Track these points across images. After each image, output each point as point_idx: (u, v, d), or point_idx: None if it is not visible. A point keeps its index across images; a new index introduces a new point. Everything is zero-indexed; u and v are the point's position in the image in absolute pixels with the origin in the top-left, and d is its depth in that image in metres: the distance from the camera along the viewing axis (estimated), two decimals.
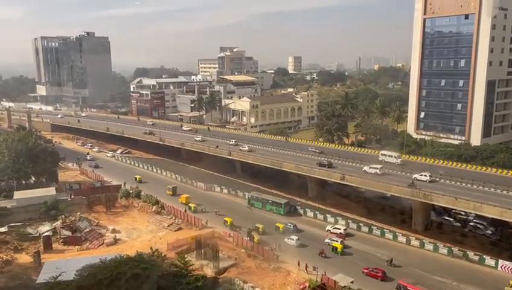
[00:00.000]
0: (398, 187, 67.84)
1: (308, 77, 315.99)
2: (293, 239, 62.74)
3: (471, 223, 67.89)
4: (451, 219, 71.08)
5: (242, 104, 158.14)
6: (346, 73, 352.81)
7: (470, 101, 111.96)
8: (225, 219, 70.63)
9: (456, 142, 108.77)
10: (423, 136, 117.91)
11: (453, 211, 69.54)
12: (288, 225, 68.91)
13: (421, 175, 71.94)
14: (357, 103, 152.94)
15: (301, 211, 75.79)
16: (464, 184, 68.22)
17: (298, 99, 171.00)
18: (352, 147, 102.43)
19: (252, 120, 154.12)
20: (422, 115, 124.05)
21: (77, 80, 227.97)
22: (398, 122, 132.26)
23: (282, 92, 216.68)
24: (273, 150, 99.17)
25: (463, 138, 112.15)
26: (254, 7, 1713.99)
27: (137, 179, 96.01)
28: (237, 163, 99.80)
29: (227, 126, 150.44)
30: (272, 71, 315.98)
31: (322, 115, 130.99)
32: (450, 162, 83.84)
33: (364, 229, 67.48)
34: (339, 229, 66.44)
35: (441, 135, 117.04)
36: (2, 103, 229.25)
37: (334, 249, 59.88)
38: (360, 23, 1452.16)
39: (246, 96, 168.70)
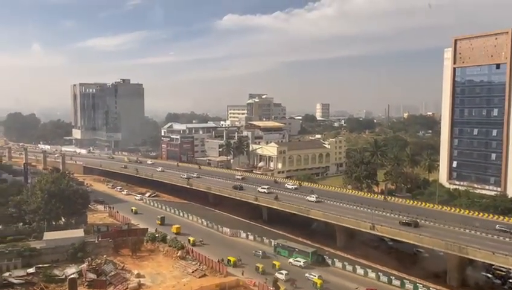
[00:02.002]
0: (431, 239, 65.08)
1: (336, 124, 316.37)
2: (282, 273, 66.29)
3: (510, 280, 63.74)
4: (489, 275, 66.99)
5: (269, 149, 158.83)
6: (375, 120, 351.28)
7: (504, 151, 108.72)
8: (228, 257, 72.30)
9: (492, 193, 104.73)
10: (456, 186, 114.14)
11: (492, 266, 65.70)
12: (258, 251, 76.91)
13: (311, 196, 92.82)
14: (387, 150, 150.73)
15: (329, 261, 73.32)
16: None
17: (326, 146, 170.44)
18: None
19: (279, 165, 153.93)
20: (454, 164, 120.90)
21: (111, 125, 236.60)
22: (430, 172, 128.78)
23: (310, 138, 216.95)
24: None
25: (499, 189, 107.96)
26: (283, 56, 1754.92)
27: (133, 211, 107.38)
28: (264, 209, 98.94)
29: (254, 171, 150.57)
30: (300, 117, 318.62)
31: (351, 162, 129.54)
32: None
33: (396, 282, 64.30)
34: (299, 261, 71.90)
35: (475, 186, 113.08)
36: (39, 145, 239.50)
37: (314, 284, 63.29)
38: (388, 72, 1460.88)
39: (273, 141, 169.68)
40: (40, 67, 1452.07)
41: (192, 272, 68.95)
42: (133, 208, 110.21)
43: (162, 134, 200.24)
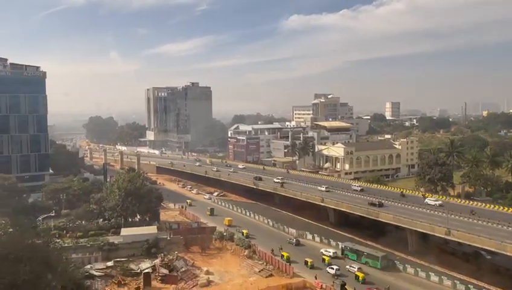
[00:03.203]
0: None
1: (407, 123, 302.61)
2: (333, 268, 68.19)
3: None
4: None
5: (336, 150, 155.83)
6: (451, 119, 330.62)
7: None
8: (282, 253, 75.48)
9: None
10: None
11: None
12: (292, 239, 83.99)
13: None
14: (464, 151, 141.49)
15: (400, 267, 70.22)
16: None
17: (396, 146, 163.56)
18: None
19: (346, 166, 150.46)
20: None
21: (181, 126, 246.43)
22: None
23: (379, 138, 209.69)
24: None
25: None
26: (350, 54, 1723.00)
27: (188, 203, 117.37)
28: (330, 211, 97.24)
29: (320, 172, 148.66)
30: (368, 117, 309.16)
31: (424, 163, 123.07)
32: None
33: None
34: (329, 252, 76.04)
35: None
36: (116, 146, 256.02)
37: (357, 277, 65.28)
38: (465, 68, 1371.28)
39: (340, 142, 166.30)
40: (117, 73, 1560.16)
41: (259, 271, 69.56)
42: (188, 200, 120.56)
43: (229, 135, 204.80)
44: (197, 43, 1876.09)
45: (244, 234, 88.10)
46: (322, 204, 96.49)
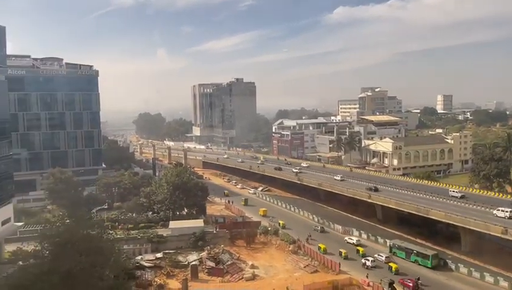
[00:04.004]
0: None
1: (460, 117, 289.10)
2: (369, 259, 68.97)
3: None
4: None
5: (383, 145, 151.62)
6: (508, 112, 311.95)
7: None
8: (319, 245, 76.62)
9: None
10: None
11: None
12: (317, 227, 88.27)
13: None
14: None
15: (452, 266, 67.31)
16: None
17: (448, 141, 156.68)
18: None
19: (395, 162, 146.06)
20: None
21: (226, 122, 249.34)
22: None
23: (430, 132, 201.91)
24: None
25: None
26: (399, 46, 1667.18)
27: (225, 194, 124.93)
28: (378, 207, 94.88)
29: (367, 167, 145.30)
30: (418, 111, 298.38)
31: (479, 159, 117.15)
32: None
33: None
34: (352, 239, 79.76)
35: None
36: (164, 141, 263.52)
37: (390, 268, 66.25)
38: None
39: (387, 137, 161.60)
40: (164, 70, 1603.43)
41: (304, 267, 69.22)
42: (226, 191, 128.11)
43: (273, 130, 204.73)
44: (241, 38, 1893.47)
45: (280, 225, 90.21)
46: (369, 200, 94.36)
